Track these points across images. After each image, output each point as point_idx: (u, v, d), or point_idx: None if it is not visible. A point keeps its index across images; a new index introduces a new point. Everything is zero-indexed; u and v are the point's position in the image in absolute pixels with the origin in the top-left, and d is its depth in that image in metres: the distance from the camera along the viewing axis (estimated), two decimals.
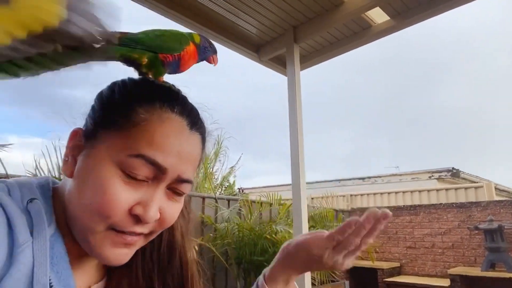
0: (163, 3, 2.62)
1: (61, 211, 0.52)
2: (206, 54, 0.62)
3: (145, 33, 0.57)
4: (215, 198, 4.35)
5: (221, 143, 9.22)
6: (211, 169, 9.32)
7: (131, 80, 0.56)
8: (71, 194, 0.51)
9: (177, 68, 0.59)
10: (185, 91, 0.58)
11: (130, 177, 0.49)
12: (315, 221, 4.82)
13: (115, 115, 0.51)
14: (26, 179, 0.54)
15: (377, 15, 3.08)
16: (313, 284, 4.12)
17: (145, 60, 0.55)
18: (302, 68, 3.41)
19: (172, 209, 0.54)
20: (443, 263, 5.92)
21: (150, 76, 0.57)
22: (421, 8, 2.84)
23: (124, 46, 0.54)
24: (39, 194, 0.52)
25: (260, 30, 3.16)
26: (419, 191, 7.84)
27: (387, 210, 0.56)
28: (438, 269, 5.94)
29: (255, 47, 3.37)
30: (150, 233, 0.53)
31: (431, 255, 6.07)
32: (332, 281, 4.92)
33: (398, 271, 6.30)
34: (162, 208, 0.52)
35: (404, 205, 6.81)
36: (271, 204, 4.62)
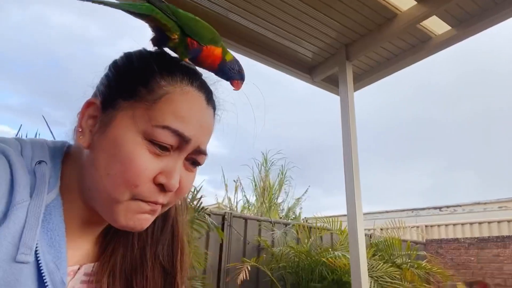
0: (225, 36, 2.77)
1: (72, 177, 0.53)
2: (230, 74, 0.62)
3: (181, 11, 0.58)
4: (271, 222, 4.30)
5: (285, 173, 9.22)
6: (276, 199, 9.30)
7: (148, 51, 0.57)
8: (90, 165, 0.51)
9: (194, 58, 0.59)
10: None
11: (155, 147, 0.50)
12: (379, 249, 4.47)
13: (136, 85, 0.52)
14: (41, 140, 0.55)
15: (437, 26, 2.91)
16: None
17: (175, 36, 0.56)
18: (356, 88, 3.32)
19: (189, 179, 0.55)
20: None
21: (176, 55, 0.58)
22: (485, 14, 2.63)
23: (162, 11, 0.54)
24: (49, 157, 0.53)
25: (312, 52, 3.17)
26: (508, 221, 6.86)
27: None
28: None
29: (307, 68, 3.39)
30: (167, 204, 0.54)
31: None
32: None
33: None
34: (181, 177, 0.53)
35: (489, 236, 6.01)
36: (331, 232, 4.43)
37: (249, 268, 3.36)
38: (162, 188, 0.51)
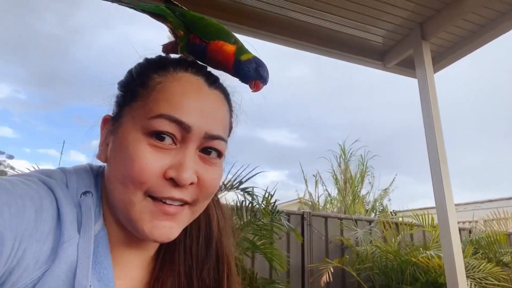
0: (285, 35, 2.75)
1: (107, 199, 0.53)
2: (245, 74, 0.59)
3: (190, 11, 0.62)
4: (353, 219, 4.12)
5: (365, 163, 8.79)
6: (359, 191, 8.92)
7: (146, 59, 0.58)
8: (108, 176, 0.52)
9: (202, 56, 0.59)
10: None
11: (156, 140, 0.49)
12: (481, 246, 3.97)
13: (133, 87, 0.54)
14: (85, 168, 0.56)
15: None
16: None
17: (181, 33, 0.60)
18: (436, 69, 3.01)
19: (211, 173, 0.52)
20: None
21: (178, 49, 0.60)
22: None
23: (170, 11, 0.61)
24: (93, 185, 0.53)
25: (383, 36, 2.96)
26: None
27: None
28: None
29: (379, 55, 3.16)
30: (194, 202, 0.52)
31: None
32: None
33: None
34: (199, 172, 0.51)
35: None
36: (423, 227, 4.07)
37: (331, 269, 3.26)
38: (174, 183, 0.49)
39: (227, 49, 0.58)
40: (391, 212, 9.53)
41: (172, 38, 0.63)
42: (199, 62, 0.58)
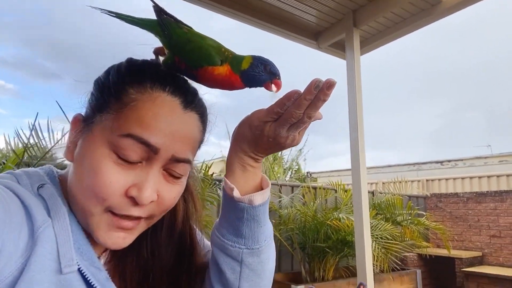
0: (220, 2, 2.70)
1: (67, 196, 0.53)
2: (259, 79, 0.56)
3: (181, 30, 0.57)
4: (278, 185, 4.46)
5: None
6: (280, 153, 9.48)
7: (127, 62, 0.56)
8: (72, 177, 0.52)
9: (196, 80, 0.58)
10: None
11: (122, 158, 0.49)
12: (381, 208, 4.67)
13: (108, 97, 0.52)
14: (32, 169, 0.56)
15: None
16: (381, 271, 4.05)
17: (166, 52, 0.58)
18: (363, 52, 3.29)
19: (171, 192, 0.53)
20: None
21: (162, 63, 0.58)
22: None
23: (161, 28, 0.57)
24: (48, 180, 0.54)
25: (318, 17, 3.10)
26: (507, 176, 7.04)
27: (332, 78, 0.46)
28: None
29: (313, 35, 3.32)
30: (150, 216, 0.53)
31: None
32: (403, 269, 4.76)
33: (479, 261, 5.83)
34: (160, 190, 0.52)
35: (488, 191, 6.21)
36: (336, 191, 4.59)
37: None
38: (134, 201, 0.50)
39: (221, 72, 0.55)
40: (306, 173, 10.38)
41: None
42: (178, 81, 0.56)
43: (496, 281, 5.13)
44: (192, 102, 0.55)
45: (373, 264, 3.04)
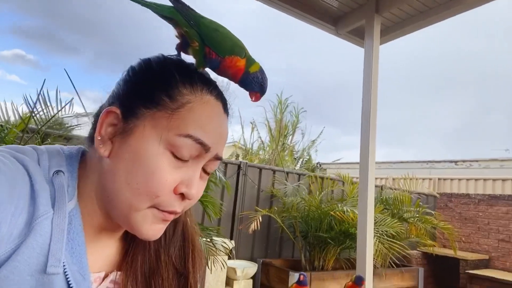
0: None
1: (89, 185, 0.54)
2: (251, 86, 0.61)
3: (206, 19, 0.59)
4: (284, 172, 4.41)
5: (298, 115, 9.18)
6: (290, 141, 9.41)
7: (168, 58, 0.57)
8: (111, 174, 0.52)
9: (214, 68, 0.59)
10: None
11: (176, 157, 0.51)
12: (389, 204, 4.59)
13: (159, 93, 0.52)
14: (57, 148, 0.55)
15: None
16: (382, 266, 4.01)
17: (196, 44, 0.57)
18: (383, 41, 3.15)
19: (202, 188, 0.56)
20: None
21: (194, 63, 0.58)
22: None
23: (184, 18, 0.57)
24: (65, 166, 0.53)
25: (339, 1, 2.97)
26: None
27: None
28: None
29: (333, 19, 3.19)
30: (182, 212, 0.55)
31: None
32: (404, 266, 4.70)
33: (485, 264, 5.73)
34: (197, 186, 0.54)
35: (501, 194, 6.05)
36: (343, 183, 4.52)
37: (260, 219, 3.53)
38: (181, 196, 0.52)
39: (240, 64, 0.59)
40: (316, 163, 10.30)
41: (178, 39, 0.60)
42: (218, 87, 0.59)
43: (499, 286, 5.03)
44: (227, 108, 0.59)
45: (374, 259, 2.99)
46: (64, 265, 0.47)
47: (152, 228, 0.52)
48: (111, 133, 0.53)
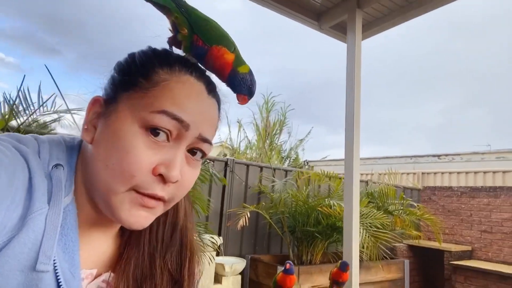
0: None
1: (81, 178, 0.53)
2: (239, 87, 0.60)
3: (198, 11, 0.60)
4: (272, 168, 4.43)
5: (285, 114, 9.23)
6: (277, 140, 9.44)
7: (151, 48, 0.57)
8: (93, 159, 0.52)
9: (201, 58, 0.59)
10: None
11: (152, 135, 0.49)
12: (374, 197, 4.66)
13: (136, 77, 0.53)
14: (58, 140, 0.55)
15: None
16: (370, 259, 4.06)
17: (185, 31, 0.58)
18: (365, 36, 3.20)
19: (191, 175, 0.54)
20: None
21: (182, 48, 0.59)
22: None
23: (176, 6, 0.58)
24: (65, 159, 0.53)
25: None
26: (503, 172, 7.02)
27: None
28: None
29: (316, 15, 3.23)
30: (170, 199, 0.53)
31: (510, 241, 5.52)
32: (391, 259, 4.78)
33: (468, 255, 5.87)
34: (183, 171, 0.52)
35: (482, 186, 6.20)
36: (330, 178, 4.57)
37: (248, 214, 3.54)
38: (161, 179, 0.50)
39: (227, 57, 0.59)
40: (303, 161, 10.37)
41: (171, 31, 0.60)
42: (201, 67, 0.58)
43: (483, 275, 5.17)
44: (214, 90, 0.58)
45: (361, 251, 3.03)
46: (55, 262, 0.46)
47: (132, 214, 0.50)
48: (95, 120, 0.54)
